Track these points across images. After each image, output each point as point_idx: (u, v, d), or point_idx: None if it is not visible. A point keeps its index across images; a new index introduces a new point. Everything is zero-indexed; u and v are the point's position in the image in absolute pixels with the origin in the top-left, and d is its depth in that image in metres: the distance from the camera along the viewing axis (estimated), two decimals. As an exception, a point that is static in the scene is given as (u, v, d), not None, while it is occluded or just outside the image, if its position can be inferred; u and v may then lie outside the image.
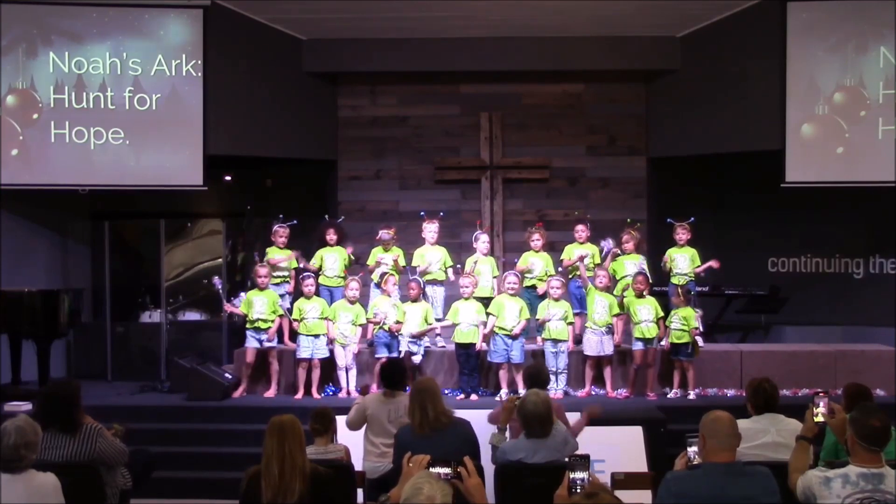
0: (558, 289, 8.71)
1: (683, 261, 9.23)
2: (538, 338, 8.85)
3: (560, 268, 9.33)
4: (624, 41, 10.84)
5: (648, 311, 8.71)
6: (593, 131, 11.24)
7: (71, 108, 10.04)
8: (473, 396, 8.62)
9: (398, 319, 8.70)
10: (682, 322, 8.58)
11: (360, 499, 5.60)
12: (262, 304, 8.85)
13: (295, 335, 8.95)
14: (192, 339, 10.71)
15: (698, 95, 10.73)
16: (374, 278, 9.23)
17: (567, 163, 11.17)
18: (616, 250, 9.27)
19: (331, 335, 8.79)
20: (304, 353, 8.79)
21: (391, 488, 4.15)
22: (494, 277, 9.29)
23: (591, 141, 11.23)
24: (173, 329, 10.88)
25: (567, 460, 4.02)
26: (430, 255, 9.39)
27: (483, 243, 9.42)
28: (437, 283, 9.35)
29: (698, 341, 8.63)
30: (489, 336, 8.66)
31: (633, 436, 7.16)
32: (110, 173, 10.14)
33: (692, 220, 9.27)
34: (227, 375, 9.08)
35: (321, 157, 11.28)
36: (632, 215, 10.30)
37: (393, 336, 8.70)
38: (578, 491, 3.78)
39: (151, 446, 6.66)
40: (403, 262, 9.42)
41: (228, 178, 12.04)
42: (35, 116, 10.03)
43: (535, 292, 9.13)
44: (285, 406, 7.98)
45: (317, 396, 8.76)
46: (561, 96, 11.23)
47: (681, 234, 9.23)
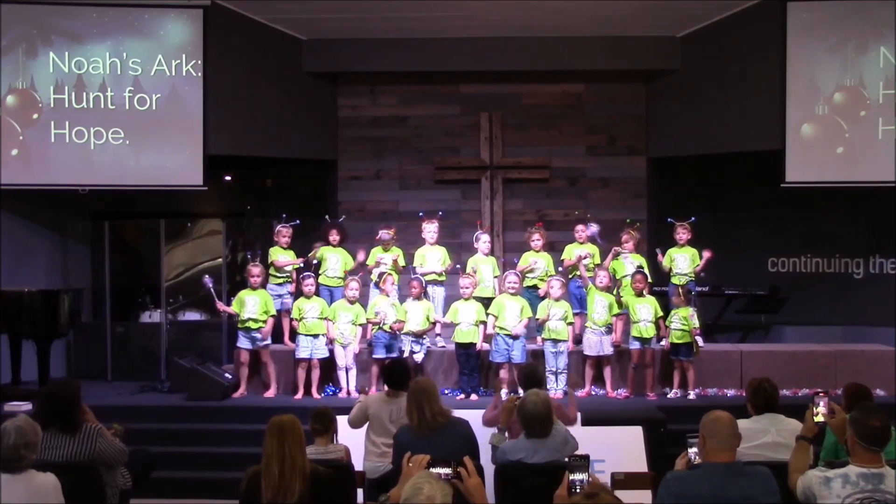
0: (558, 289, 8.72)
1: (683, 261, 9.23)
2: (538, 338, 8.86)
3: (560, 268, 9.33)
4: (624, 41, 10.83)
5: (648, 310, 8.71)
6: (593, 131, 11.24)
7: (71, 108, 10.04)
8: (473, 396, 8.62)
9: (399, 319, 8.70)
10: (683, 322, 8.59)
11: (360, 499, 5.60)
12: (253, 304, 8.85)
13: (295, 335, 8.95)
14: (192, 339, 10.72)
15: (698, 95, 10.73)
16: (374, 278, 9.24)
17: (567, 163, 11.17)
18: (617, 248, 9.29)
19: (331, 335, 8.79)
20: (302, 353, 8.79)
21: (391, 488, 4.15)
22: (495, 277, 9.30)
23: (591, 141, 11.23)
24: (173, 329, 10.89)
25: (567, 461, 4.02)
26: (429, 256, 9.40)
27: (484, 243, 9.42)
28: (437, 283, 9.36)
29: (698, 341, 8.63)
30: (491, 336, 8.67)
31: (633, 436, 7.16)
32: (110, 173, 10.13)
33: (693, 219, 9.27)
34: (226, 375, 9.08)
35: (321, 157, 11.28)
36: (632, 215, 10.31)
37: (392, 336, 8.70)
38: (578, 491, 3.78)
39: (151, 446, 6.66)
40: (403, 262, 9.42)
41: (228, 178, 12.04)
42: (35, 116, 10.03)
43: (535, 292, 9.13)
44: (285, 406, 7.98)
45: (317, 396, 8.76)
46: (561, 96, 11.23)
47: (681, 234, 9.23)
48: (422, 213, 9.67)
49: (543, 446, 5.09)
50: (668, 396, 8.74)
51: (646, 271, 9.00)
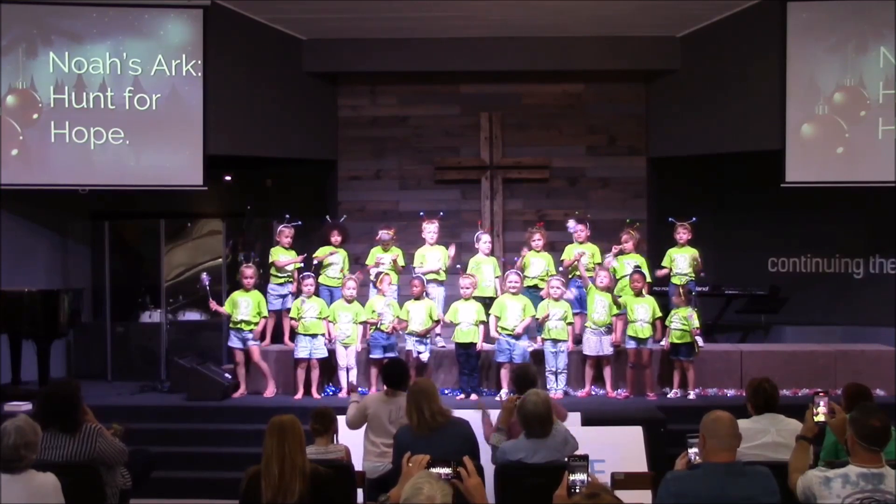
0: (558, 289, 8.72)
1: (683, 261, 9.22)
2: (538, 337, 8.85)
3: (561, 268, 9.33)
4: (624, 41, 10.83)
5: (645, 310, 8.71)
6: (593, 131, 11.23)
7: (71, 108, 10.04)
8: (473, 396, 8.62)
9: (399, 317, 8.70)
10: (683, 322, 8.58)
11: (360, 499, 5.60)
12: (246, 306, 8.85)
13: (294, 335, 8.95)
14: (192, 339, 10.71)
15: (698, 95, 10.72)
16: (372, 278, 9.24)
17: (567, 163, 11.17)
18: (617, 248, 9.28)
19: (333, 336, 8.79)
20: (301, 352, 8.79)
21: (391, 488, 4.15)
22: (496, 277, 9.30)
23: (591, 141, 11.22)
24: (173, 329, 10.89)
25: (567, 461, 4.02)
26: (429, 256, 9.40)
27: (485, 244, 9.42)
28: (437, 282, 9.36)
29: (698, 341, 8.63)
30: (495, 337, 8.68)
31: (633, 436, 7.15)
32: (110, 173, 10.13)
33: (694, 220, 9.27)
34: (226, 375, 9.08)
35: (321, 157, 11.28)
36: (632, 215, 10.31)
37: (388, 337, 8.69)
38: (577, 491, 3.78)
39: (151, 446, 6.66)
40: (403, 262, 9.42)
41: (228, 178, 12.03)
42: (35, 116, 10.02)
43: (536, 292, 9.12)
44: (285, 406, 7.99)
45: (317, 396, 8.76)
46: (561, 96, 11.23)
47: (681, 234, 9.23)
48: (422, 213, 9.67)
49: (543, 446, 5.09)
50: (668, 396, 8.74)
51: (644, 271, 8.99)
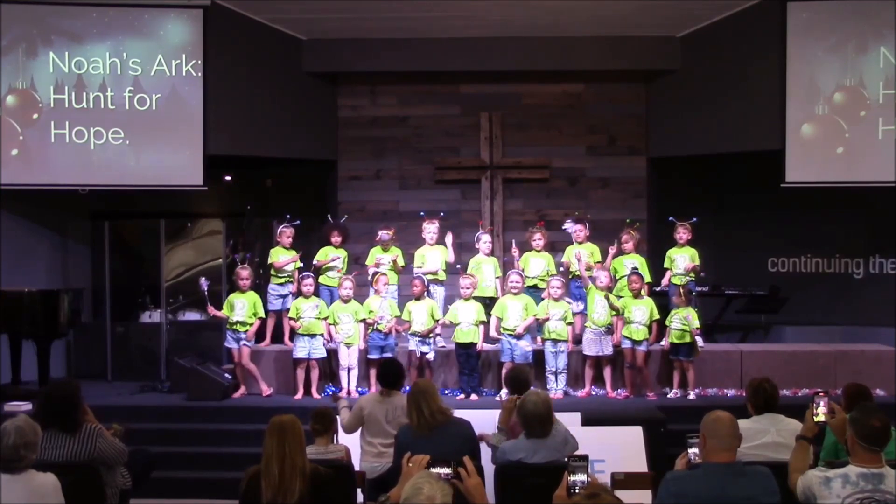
0: (558, 289, 8.71)
1: (683, 261, 9.22)
2: (538, 337, 8.85)
3: (561, 268, 9.33)
4: (624, 41, 10.83)
5: (643, 312, 8.70)
6: (593, 131, 11.23)
7: (71, 108, 10.04)
8: (473, 396, 8.62)
9: (403, 318, 8.70)
10: (683, 322, 8.58)
11: (360, 499, 5.60)
12: (242, 307, 8.86)
13: (294, 335, 8.95)
14: (192, 339, 10.70)
15: (698, 95, 10.72)
16: (369, 278, 9.25)
17: (567, 163, 11.17)
18: (615, 248, 9.28)
19: (335, 337, 8.78)
20: (300, 353, 8.78)
21: (391, 488, 4.14)
22: (497, 278, 9.30)
23: (591, 141, 11.22)
24: (173, 329, 10.88)
25: (567, 461, 4.02)
26: (429, 256, 9.39)
27: (485, 244, 9.42)
28: (437, 282, 9.36)
29: (698, 341, 8.63)
30: (495, 338, 8.67)
31: (633, 436, 7.16)
32: (110, 173, 10.13)
33: (695, 220, 9.27)
34: (226, 375, 9.08)
35: (321, 157, 11.28)
36: (632, 215, 10.31)
37: (386, 337, 8.69)
38: (577, 492, 3.78)
39: (151, 446, 6.66)
40: (402, 263, 9.42)
41: (228, 178, 12.04)
42: (35, 116, 10.02)
43: (536, 292, 9.11)
44: (285, 406, 7.99)
45: (317, 396, 8.75)
46: (561, 96, 11.23)
47: (681, 234, 9.23)
48: (422, 214, 9.67)
49: (543, 446, 5.09)
50: (668, 396, 8.74)
51: (642, 272, 8.98)
